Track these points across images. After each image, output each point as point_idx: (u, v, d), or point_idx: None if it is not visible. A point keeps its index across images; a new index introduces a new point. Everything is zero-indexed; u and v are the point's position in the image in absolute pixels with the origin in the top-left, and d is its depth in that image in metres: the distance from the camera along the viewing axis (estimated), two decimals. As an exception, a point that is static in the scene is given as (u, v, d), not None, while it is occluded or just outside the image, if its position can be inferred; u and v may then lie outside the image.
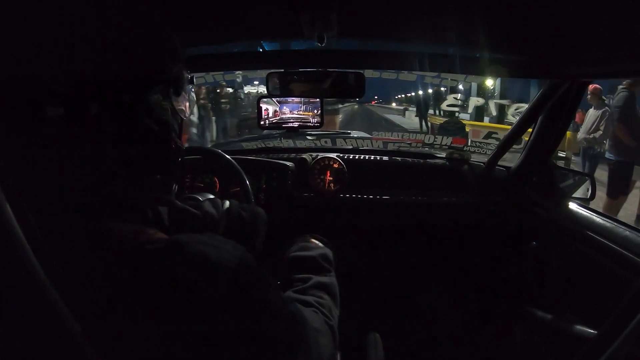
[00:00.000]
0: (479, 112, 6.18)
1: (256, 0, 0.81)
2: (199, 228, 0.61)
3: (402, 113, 19.36)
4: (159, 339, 0.42)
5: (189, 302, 0.42)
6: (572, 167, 4.91)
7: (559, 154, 6.28)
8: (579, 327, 1.17)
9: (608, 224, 1.14)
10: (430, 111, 11.77)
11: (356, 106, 19.26)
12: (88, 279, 0.42)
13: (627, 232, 1.07)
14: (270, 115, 1.61)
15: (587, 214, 1.25)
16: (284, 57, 1.24)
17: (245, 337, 0.45)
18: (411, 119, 16.34)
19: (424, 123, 10.80)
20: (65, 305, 0.37)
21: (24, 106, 0.45)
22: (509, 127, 1.72)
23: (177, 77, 0.55)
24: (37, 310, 0.37)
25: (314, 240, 0.89)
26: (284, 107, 1.61)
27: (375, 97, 26.74)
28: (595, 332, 0.85)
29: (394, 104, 23.71)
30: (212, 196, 1.26)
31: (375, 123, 14.29)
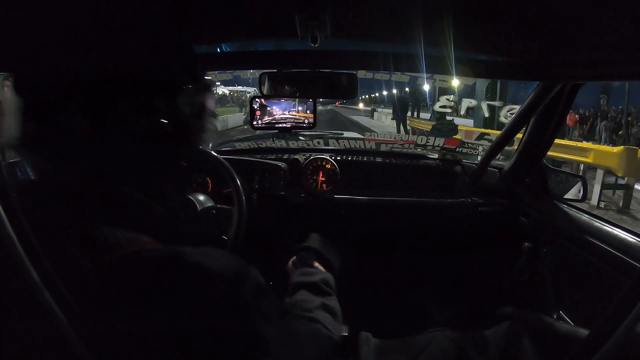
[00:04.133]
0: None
1: (251, 1, 0.81)
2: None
3: (370, 114, 19.09)
4: (152, 344, 0.42)
5: (186, 309, 0.43)
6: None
7: (606, 179, 5.53)
8: (571, 328, 1.18)
9: (599, 225, 1.15)
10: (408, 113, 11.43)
11: (320, 107, 18.91)
12: (81, 283, 0.42)
13: (618, 232, 1.08)
14: (258, 115, 1.59)
15: (579, 215, 1.26)
16: (277, 57, 1.24)
17: (240, 342, 0.45)
18: (381, 121, 16.03)
19: (402, 127, 10.37)
20: (58, 308, 0.36)
21: (28, 104, 0.45)
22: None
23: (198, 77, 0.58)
24: (29, 313, 0.36)
25: (316, 263, 0.91)
26: (274, 107, 1.60)
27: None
28: (587, 332, 0.85)
29: (360, 105, 23.44)
30: (202, 197, 1.26)
31: (340, 126, 13.36)
